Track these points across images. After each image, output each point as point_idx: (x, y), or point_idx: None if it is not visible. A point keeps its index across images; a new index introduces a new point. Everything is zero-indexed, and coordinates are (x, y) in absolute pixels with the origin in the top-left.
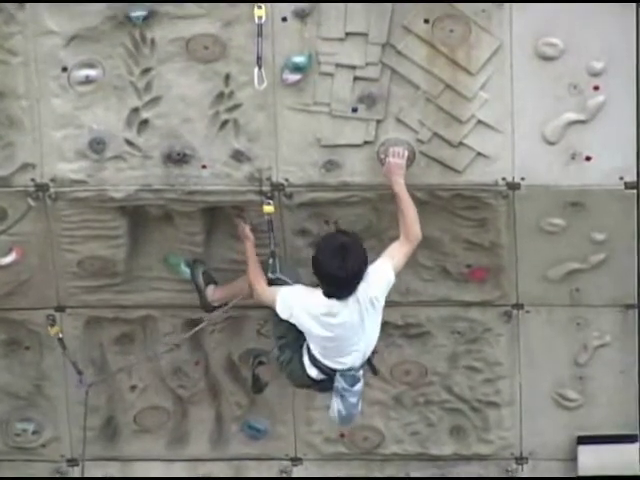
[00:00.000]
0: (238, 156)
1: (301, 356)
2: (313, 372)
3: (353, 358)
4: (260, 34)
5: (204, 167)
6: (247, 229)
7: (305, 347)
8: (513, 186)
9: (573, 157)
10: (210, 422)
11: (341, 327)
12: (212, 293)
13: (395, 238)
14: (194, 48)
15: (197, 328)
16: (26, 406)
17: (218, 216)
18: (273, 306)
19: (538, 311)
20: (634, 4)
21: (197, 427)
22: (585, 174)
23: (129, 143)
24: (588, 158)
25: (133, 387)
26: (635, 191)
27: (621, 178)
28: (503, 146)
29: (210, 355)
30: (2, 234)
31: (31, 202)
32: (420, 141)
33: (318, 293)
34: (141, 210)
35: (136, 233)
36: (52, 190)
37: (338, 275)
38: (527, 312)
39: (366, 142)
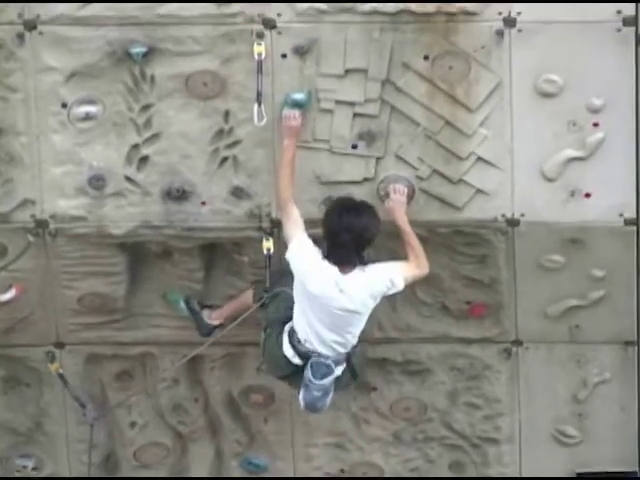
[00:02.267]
0: (237, 192)
1: (281, 333)
2: (289, 352)
3: (332, 347)
4: (260, 71)
5: (203, 204)
6: (296, 119)
7: (287, 328)
8: (513, 223)
9: (572, 194)
10: (210, 458)
11: (337, 302)
12: (209, 314)
13: None
14: (193, 85)
15: (195, 352)
16: (26, 442)
17: (217, 253)
18: (287, 238)
19: (537, 348)
20: (633, 42)
21: (197, 463)
22: (584, 211)
23: (129, 180)
24: (587, 195)
25: (133, 423)
26: (635, 227)
27: (620, 215)
28: (502, 183)
29: (209, 392)
30: (2, 270)
31: (31, 238)
32: (420, 178)
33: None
34: (141, 246)
35: (135, 270)
36: (52, 226)
37: (342, 224)
38: (526, 349)
39: (366, 179)
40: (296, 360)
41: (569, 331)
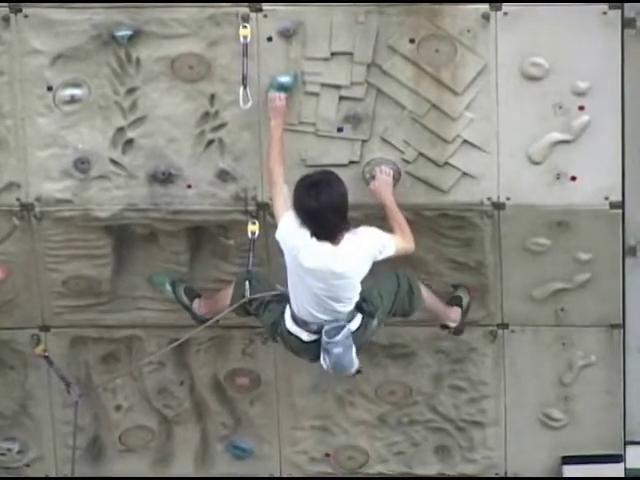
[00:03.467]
0: (223, 176)
1: (283, 318)
2: (292, 327)
3: (332, 313)
4: (245, 54)
5: (189, 187)
6: (281, 100)
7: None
8: (498, 206)
9: (558, 177)
10: (195, 442)
11: (332, 272)
12: (198, 307)
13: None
14: (179, 67)
15: (178, 342)
16: (11, 425)
17: (203, 235)
18: (277, 217)
19: (523, 331)
20: (619, 25)
21: (182, 447)
22: (570, 194)
23: (114, 163)
24: (573, 178)
25: (118, 407)
26: (620, 211)
27: (606, 198)
28: (488, 166)
29: (195, 375)
30: None
31: (16, 221)
32: (405, 161)
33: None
34: (126, 229)
35: (121, 252)
36: (37, 209)
37: (311, 208)
38: (512, 332)
39: (351, 162)
40: (313, 337)
41: (555, 314)
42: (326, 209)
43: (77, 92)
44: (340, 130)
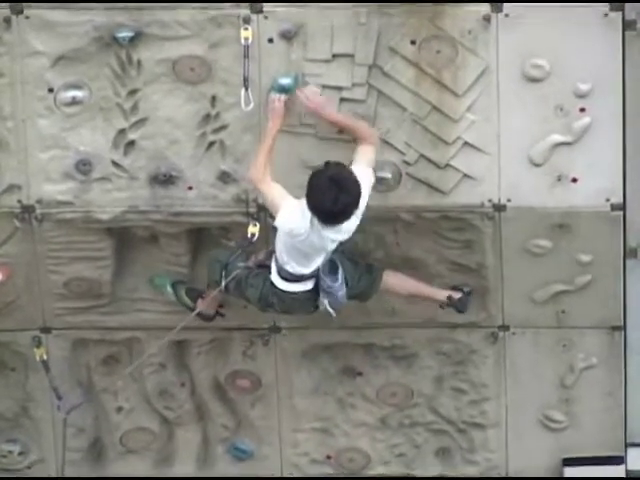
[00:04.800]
0: (224, 177)
1: (266, 278)
2: (286, 285)
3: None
4: (247, 55)
5: (190, 188)
6: (280, 101)
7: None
8: (499, 208)
9: (559, 179)
10: (196, 444)
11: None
12: (201, 305)
13: (381, 259)
14: (180, 69)
15: (170, 334)
16: (12, 427)
17: (204, 237)
18: (272, 209)
19: (524, 333)
20: (620, 27)
21: (183, 448)
22: (571, 196)
23: (115, 164)
24: (574, 180)
25: (119, 408)
26: (621, 213)
27: (607, 200)
28: (489, 168)
29: (196, 377)
30: None
31: (17, 223)
32: (407, 163)
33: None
34: (127, 231)
35: (122, 254)
36: (38, 211)
37: (330, 210)
38: (513, 334)
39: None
40: (307, 286)
41: (556, 316)
42: (348, 210)
43: (78, 94)
44: (341, 132)
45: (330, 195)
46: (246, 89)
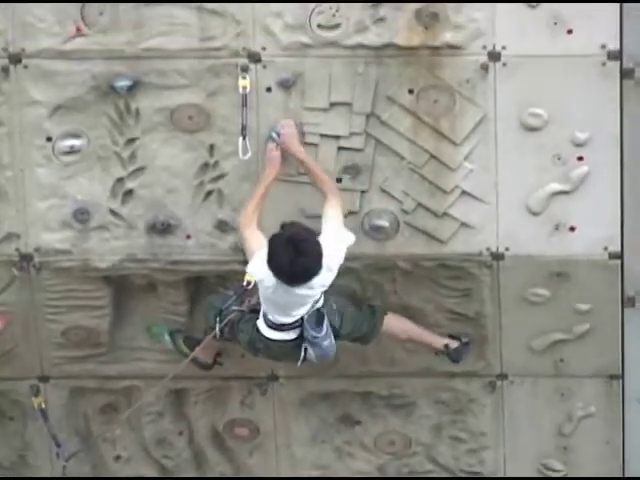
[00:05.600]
0: (222, 226)
1: (255, 323)
2: (274, 334)
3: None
4: (244, 104)
5: (188, 237)
6: (275, 152)
7: (260, 316)
8: (497, 256)
9: (557, 227)
10: None
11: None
12: (198, 351)
13: (379, 306)
14: (178, 118)
15: (165, 380)
16: (10, 476)
17: (202, 286)
18: (248, 255)
19: (522, 381)
20: (617, 76)
21: None
22: (569, 244)
23: (113, 213)
24: (572, 228)
25: (117, 457)
26: (619, 261)
27: (605, 248)
28: (487, 216)
29: (194, 425)
30: None
31: (15, 272)
32: (404, 211)
33: None
34: (125, 280)
35: (120, 303)
36: (36, 260)
37: (288, 273)
38: (511, 382)
39: (350, 212)
40: (290, 335)
41: (554, 365)
42: (304, 274)
43: (76, 143)
44: (339, 181)
45: (287, 258)
46: (244, 138)
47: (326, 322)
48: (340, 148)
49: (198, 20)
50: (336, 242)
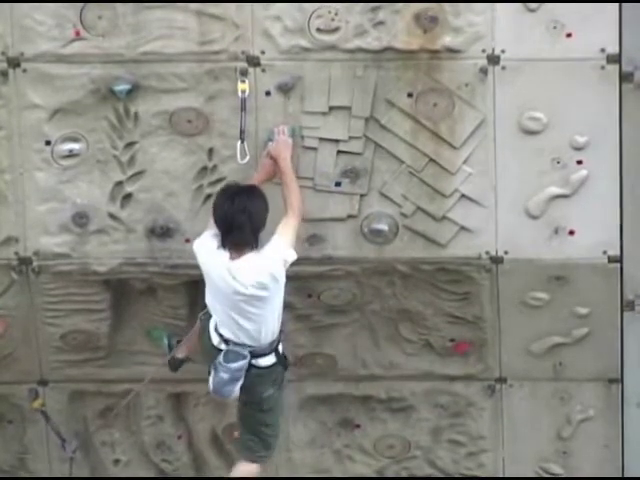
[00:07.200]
0: None
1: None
2: (215, 339)
3: (241, 335)
4: (243, 108)
5: (187, 241)
6: (266, 158)
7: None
8: (496, 260)
9: (556, 231)
10: None
11: (232, 288)
12: (176, 351)
13: (378, 311)
14: (177, 122)
15: (131, 394)
16: (9, 476)
17: (201, 289)
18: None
19: (521, 385)
20: (617, 79)
21: None
22: (568, 248)
23: (112, 217)
24: (571, 232)
25: (116, 461)
26: (618, 265)
27: (604, 252)
28: (486, 220)
29: (193, 429)
30: None
31: (14, 275)
32: (403, 215)
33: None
34: (124, 284)
35: (119, 307)
36: (35, 264)
37: (225, 209)
38: (510, 386)
39: (349, 216)
40: (222, 346)
41: (553, 368)
42: (247, 212)
43: (75, 146)
44: (338, 184)
45: (229, 196)
46: (242, 142)
47: (240, 364)
48: (339, 152)
49: (197, 24)
50: (278, 255)
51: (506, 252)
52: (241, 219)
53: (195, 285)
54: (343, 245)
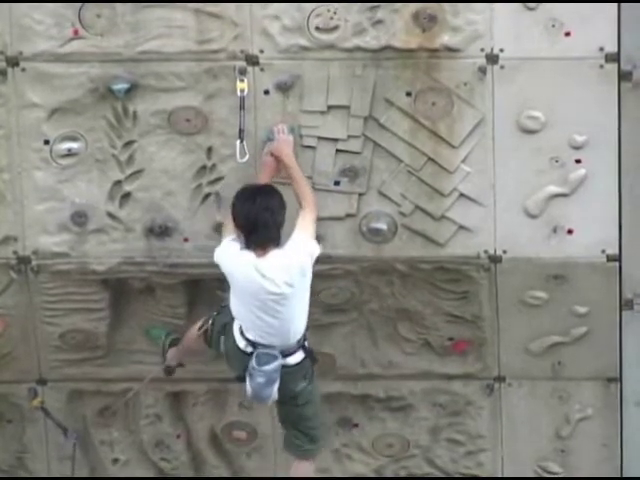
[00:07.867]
0: (220, 229)
1: (232, 328)
2: (242, 342)
3: (270, 337)
4: (242, 107)
5: (186, 240)
6: (268, 157)
7: (237, 323)
8: (495, 259)
9: (555, 230)
10: None
11: (263, 288)
12: (169, 356)
13: (377, 311)
14: (176, 121)
15: (130, 394)
16: (9, 476)
17: (200, 289)
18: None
19: (520, 384)
20: (615, 78)
21: None
22: (567, 247)
23: (111, 216)
24: (570, 231)
25: (115, 460)
26: (617, 264)
27: (603, 251)
28: (485, 219)
29: (192, 428)
30: None
31: (13, 275)
32: (402, 214)
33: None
34: (123, 283)
35: (118, 306)
36: (34, 263)
37: (248, 210)
38: (509, 385)
39: (348, 215)
40: (249, 349)
41: (552, 367)
42: (270, 210)
43: (74, 146)
44: (337, 183)
45: (250, 197)
46: (241, 141)
47: (275, 365)
48: (338, 151)
49: (196, 23)
50: (304, 249)
51: (505, 251)
52: (265, 217)
53: (194, 284)
54: (342, 244)
